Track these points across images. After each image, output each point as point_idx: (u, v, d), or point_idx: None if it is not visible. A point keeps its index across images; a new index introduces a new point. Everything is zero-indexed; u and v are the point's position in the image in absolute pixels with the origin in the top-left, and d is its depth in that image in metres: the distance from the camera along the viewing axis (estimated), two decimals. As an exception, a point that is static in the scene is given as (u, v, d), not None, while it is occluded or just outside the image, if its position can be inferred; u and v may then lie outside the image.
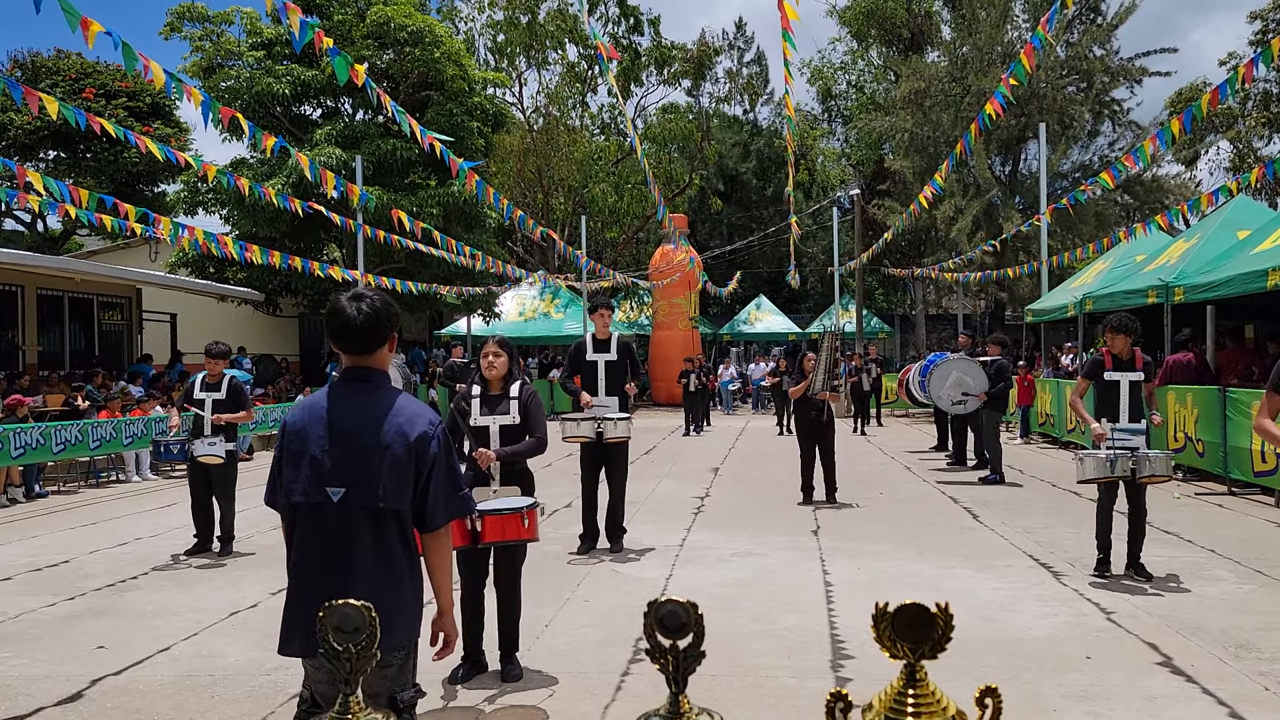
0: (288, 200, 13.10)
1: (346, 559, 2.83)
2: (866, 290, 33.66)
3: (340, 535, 2.84)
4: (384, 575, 2.85)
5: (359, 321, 2.91)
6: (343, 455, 2.85)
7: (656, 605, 1.48)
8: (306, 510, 2.87)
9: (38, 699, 4.81)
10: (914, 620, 1.36)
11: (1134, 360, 7.01)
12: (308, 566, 2.88)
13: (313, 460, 2.86)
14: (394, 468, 2.84)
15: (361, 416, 2.88)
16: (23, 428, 12.07)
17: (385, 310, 2.97)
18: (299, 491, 2.87)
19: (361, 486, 2.83)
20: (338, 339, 2.97)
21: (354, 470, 2.84)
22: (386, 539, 2.86)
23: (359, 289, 3.04)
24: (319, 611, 2.45)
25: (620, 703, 4.61)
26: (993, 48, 27.47)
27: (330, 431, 2.87)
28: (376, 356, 2.99)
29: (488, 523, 4.70)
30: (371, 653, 1.63)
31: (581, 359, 8.24)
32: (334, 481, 2.84)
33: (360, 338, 2.94)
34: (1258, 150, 31.59)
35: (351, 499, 2.83)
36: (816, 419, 10.50)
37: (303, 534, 2.89)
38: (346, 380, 2.98)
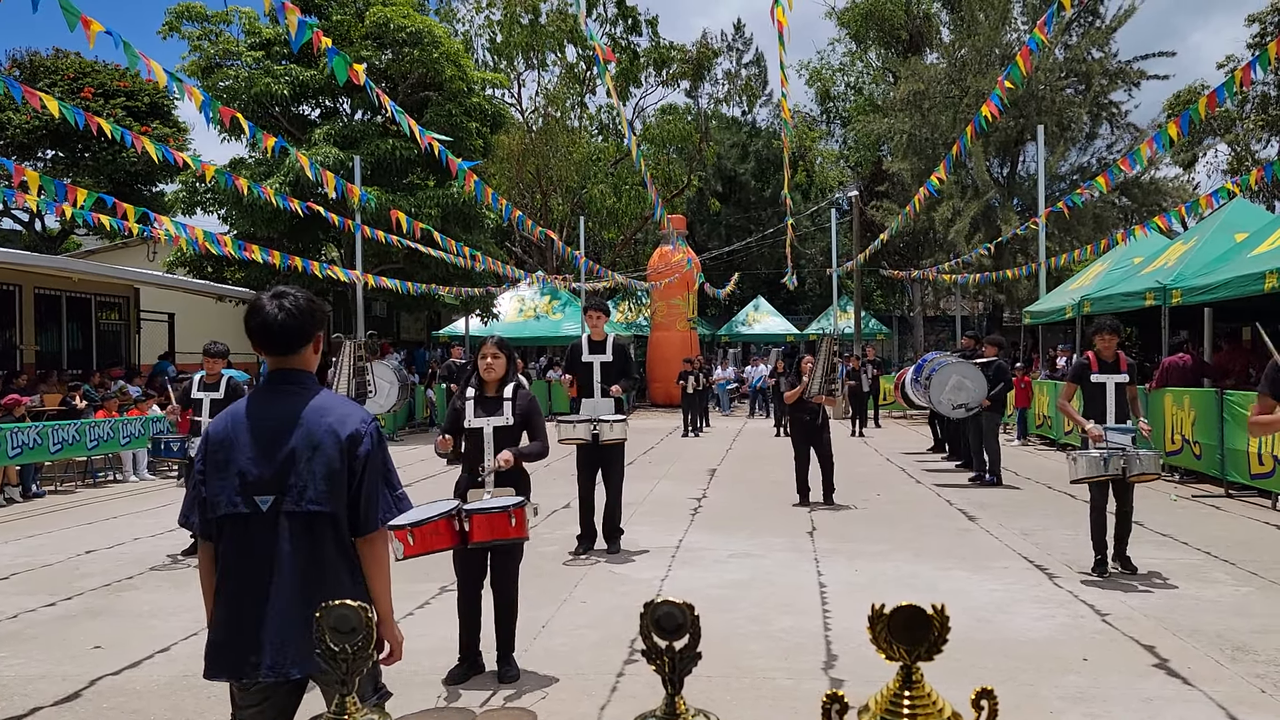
0: (286, 200, 13.10)
1: (278, 572, 2.66)
2: (865, 292, 33.67)
3: (270, 546, 2.67)
4: (319, 586, 2.66)
5: (279, 320, 2.77)
6: (270, 461, 2.70)
7: (653, 606, 1.48)
8: (234, 522, 2.69)
9: (34, 699, 4.81)
10: (910, 622, 1.37)
11: (1118, 362, 7.20)
12: (237, 582, 2.69)
13: (239, 470, 2.70)
14: (326, 469, 2.69)
15: (287, 419, 2.73)
16: (20, 427, 12.06)
17: (309, 309, 2.83)
18: (225, 503, 2.70)
19: (292, 493, 2.68)
20: (257, 339, 2.82)
21: (283, 476, 2.69)
22: (320, 546, 2.71)
23: (282, 287, 2.90)
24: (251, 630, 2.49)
25: (616, 704, 4.61)
26: (991, 50, 27.49)
27: (256, 438, 2.72)
28: (301, 357, 2.85)
29: (475, 522, 4.69)
30: (368, 653, 1.63)
31: (577, 360, 8.25)
32: (262, 490, 2.68)
33: (281, 338, 2.79)
34: (1256, 153, 31.63)
35: (281, 506, 2.68)
36: (811, 422, 10.51)
37: (230, 549, 2.70)
38: (271, 384, 2.84)
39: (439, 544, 4.62)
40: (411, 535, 4.51)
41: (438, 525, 4.59)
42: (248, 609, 2.65)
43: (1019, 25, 28.67)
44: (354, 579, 2.77)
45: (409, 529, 4.50)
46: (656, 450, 17.21)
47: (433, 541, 4.58)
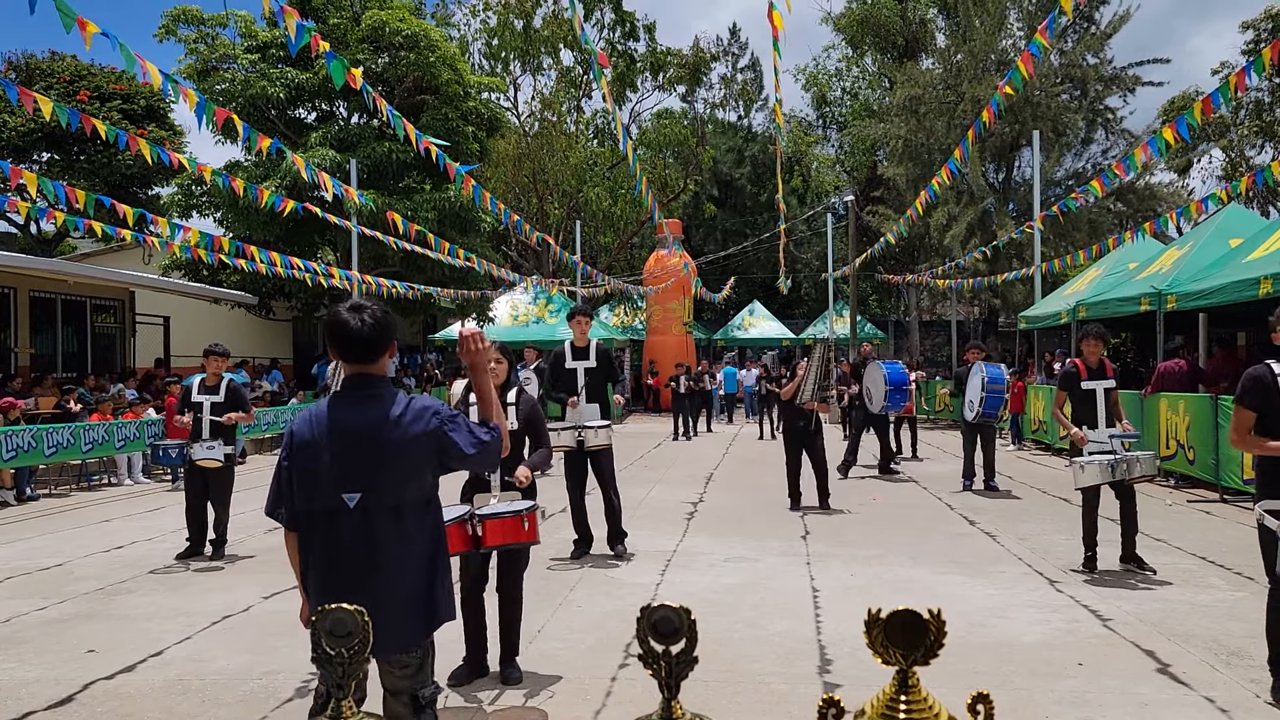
0: (281, 201, 13.07)
1: (368, 561, 2.93)
2: (860, 296, 33.71)
3: (360, 539, 2.93)
4: (405, 574, 2.97)
5: (363, 333, 3.00)
6: (357, 461, 2.94)
7: (649, 610, 1.48)
8: (323, 518, 2.95)
9: (27, 703, 4.79)
10: (907, 626, 1.37)
11: (1104, 368, 7.46)
12: (330, 571, 2.95)
13: (327, 469, 2.94)
14: (410, 464, 2.98)
15: (370, 422, 2.97)
16: (15, 430, 12.03)
17: (386, 320, 3.08)
18: (316, 500, 2.95)
19: (379, 489, 2.94)
20: (341, 350, 3.05)
21: (370, 474, 2.94)
22: (408, 535, 2.98)
23: (357, 300, 3.12)
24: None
25: (613, 708, 4.61)
26: (987, 55, 27.55)
27: (342, 440, 2.96)
28: (379, 364, 3.09)
29: (488, 526, 4.72)
30: (365, 657, 1.63)
31: (561, 367, 8.25)
32: (350, 487, 2.93)
33: (364, 348, 3.03)
34: (1250, 159, 31.74)
35: (369, 502, 2.93)
36: (804, 428, 10.50)
37: (321, 541, 2.97)
38: (350, 389, 3.07)
39: (452, 549, 4.59)
40: None
41: (450, 530, 4.58)
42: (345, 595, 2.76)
43: (1015, 31, 28.74)
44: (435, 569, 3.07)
45: None
46: (652, 454, 17.21)
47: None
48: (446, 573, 3.13)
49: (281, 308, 25.13)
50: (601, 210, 34.15)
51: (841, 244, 31.49)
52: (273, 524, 10.12)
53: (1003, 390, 11.89)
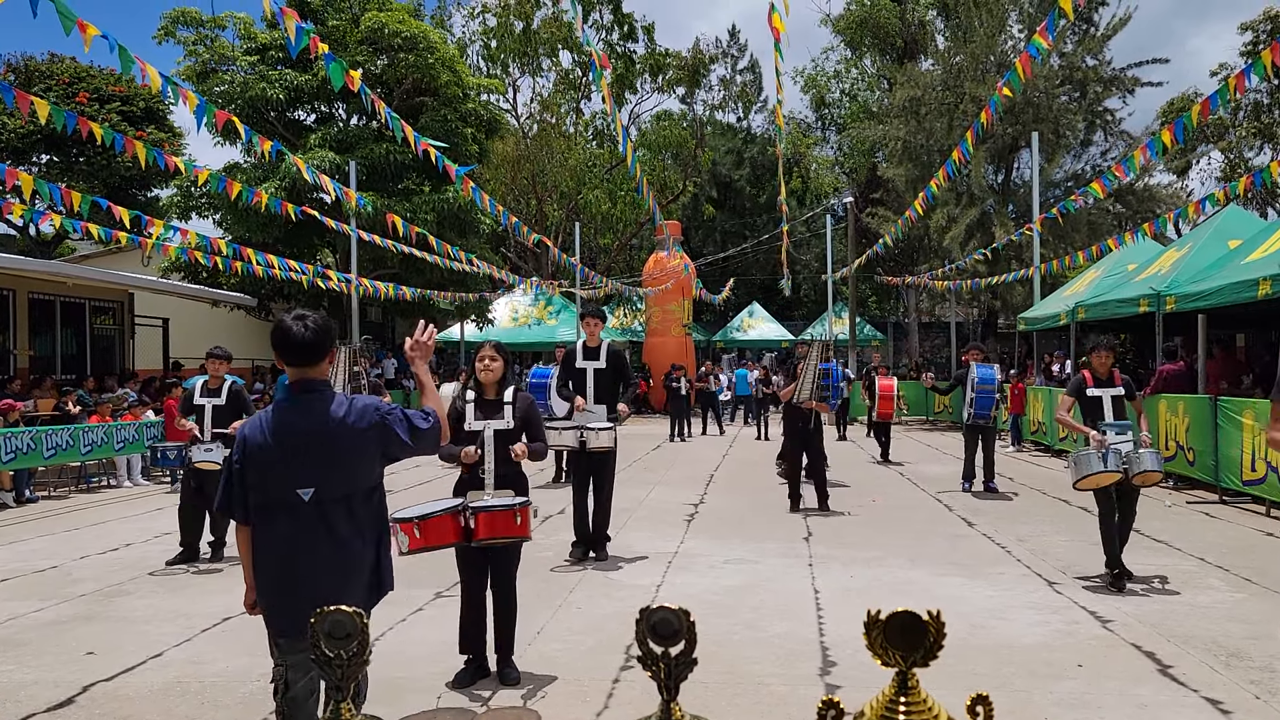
0: (280, 204, 13.08)
1: (321, 546, 3.25)
2: (860, 298, 33.71)
3: (314, 527, 3.24)
4: (357, 556, 3.34)
5: (306, 339, 3.30)
6: (308, 459, 3.24)
7: (648, 612, 1.48)
8: (279, 511, 3.25)
9: (27, 705, 4.79)
10: (906, 628, 1.37)
11: (1113, 378, 7.42)
12: (284, 558, 3.25)
13: (281, 466, 3.24)
14: (357, 459, 3.30)
15: (319, 423, 3.27)
16: (14, 432, 12.02)
17: (326, 327, 3.39)
18: (272, 495, 3.25)
19: (331, 482, 3.26)
20: (285, 354, 3.34)
21: (321, 470, 3.25)
22: (359, 520, 3.33)
23: (300, 310, 3.43)
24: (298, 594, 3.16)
25: (613, 710, 4.60)
26: (987, 56, 27.56)
27: (291, 440, 3.26)
28: (320, 368, 3.39)
29: (481, 519, 4.74)
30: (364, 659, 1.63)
31: (572, 366, 8.27)
32: (304, 483, 3.23)
33: (306, 352, 3.32)
34: (1249, 160, 31.75)
35: (322, 495, 3.24)
36: (804, 427, 10.50)
37: (275, 531, 3.26)
38: (296, 392, 3.36)
39: (444, 539, 4.69)
40: (418, 529, 4.59)
41: (443, 520, 4.67)
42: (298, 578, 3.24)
43: (1015, 33, 28.75)
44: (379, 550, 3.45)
45: (415, 523, 4.59)
46: (652, 456, 17.20)
47: (437, 536, 4.65)
48: (388, 548, 3.51)
49: (281, 309, 25.10)
50: (600, 212, 34.16)
51: (841, 245, 31.51)
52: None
53: (993, 391, 11.81)
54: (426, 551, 4.73)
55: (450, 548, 4.82)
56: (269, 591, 3.32)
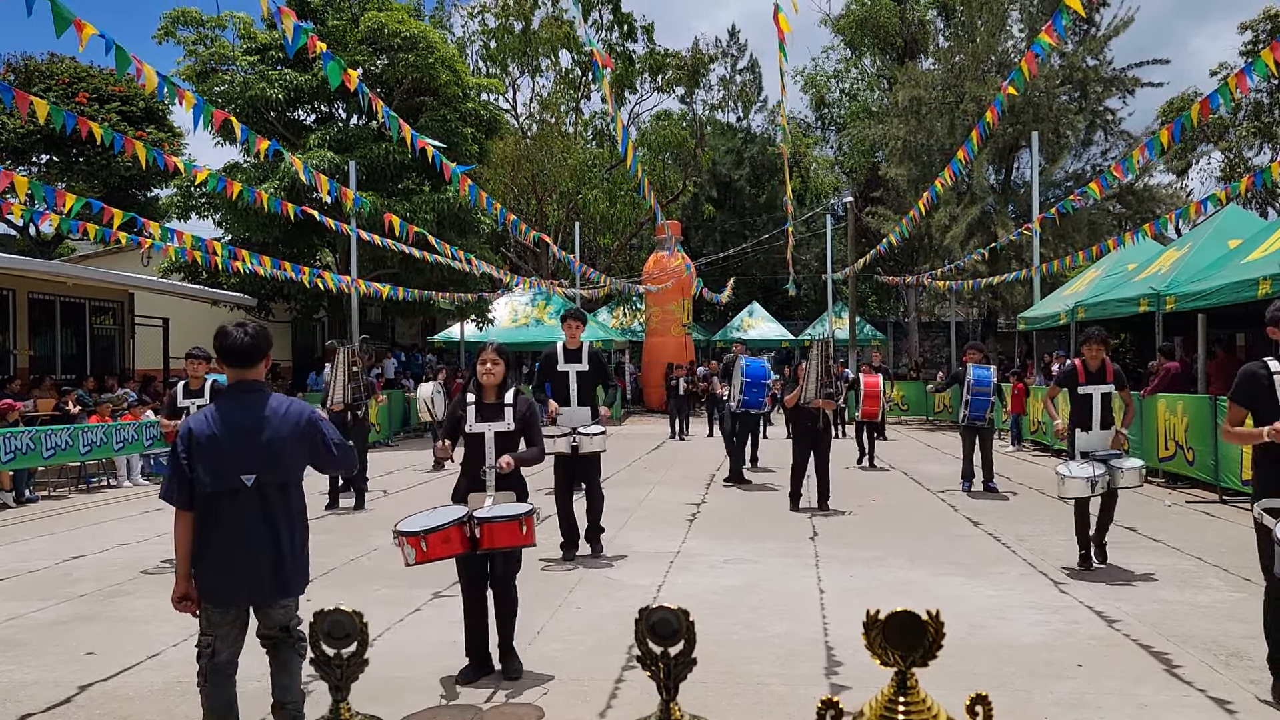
0: (280, 204, 13.06)
1: (263, 528, 3.69)
2: (860, 297, 33.71)
3: (256, 510, 3.69)
4: (300, 537, 3.82)
5: (244, 344, 3.78)
6: (250, 449, 3.68)
7: (648, 612, 1.48)
8: (225, 496, 3.66)
9: (26, 705, 4.79)
10: (905, 628, 1.37)
11: (1104, 372, 7.50)
12: (227, 537, 3.67)
13: (225, 456, 3.66)
14: (292, 450, 3.75)
15: (257, 417, 3.72)
16: (13, 432, 12.02)
17: (263, 334, 3.86)
18: (219, 482, 3.66)
19: (271, 469, 3.70)
20: (225, 358, 3.81)
21: (262, 459, 3.68)
22: (292, 505, 3.79)
23: (242, 319, 3.88)
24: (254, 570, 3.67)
25: (613, 709, 4.60)
26: (988, 56, 27.56)
27: (234, 433, 3.69)
28: (257, 370, 3.86)
29: (486, 530, 4.78)
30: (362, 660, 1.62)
31: (553, 369, 8.25)
32: (246, 470, 3.66)
33: (244, 357, 3.79)
34: (1248, 160, 31.75)
35: (264, 480, 3.69)
36: (813, 427, 10.49)
37: (220, 514, 3.67)
38: (236, 391, 3.81)
39: (450, 550, 4.76)
40: (425, 542, 4.64)
41: (449, 532, 4.73)
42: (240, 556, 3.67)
43: (1015, 32, 28.76)
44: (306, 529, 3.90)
45: (422, 535, 4.64)
46: (652, 456, 17.19)
47: (443, 548, 4.72)
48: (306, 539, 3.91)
49: (280, 309, 25.11)
50: (600, 212, 34.15)
51: (841, 245, 31.50)
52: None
53: (988, 393, 11.78)
54: (432, 563, 4.76)
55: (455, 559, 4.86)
56: (211, 569, 3.70)
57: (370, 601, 6.56)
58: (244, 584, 3.69)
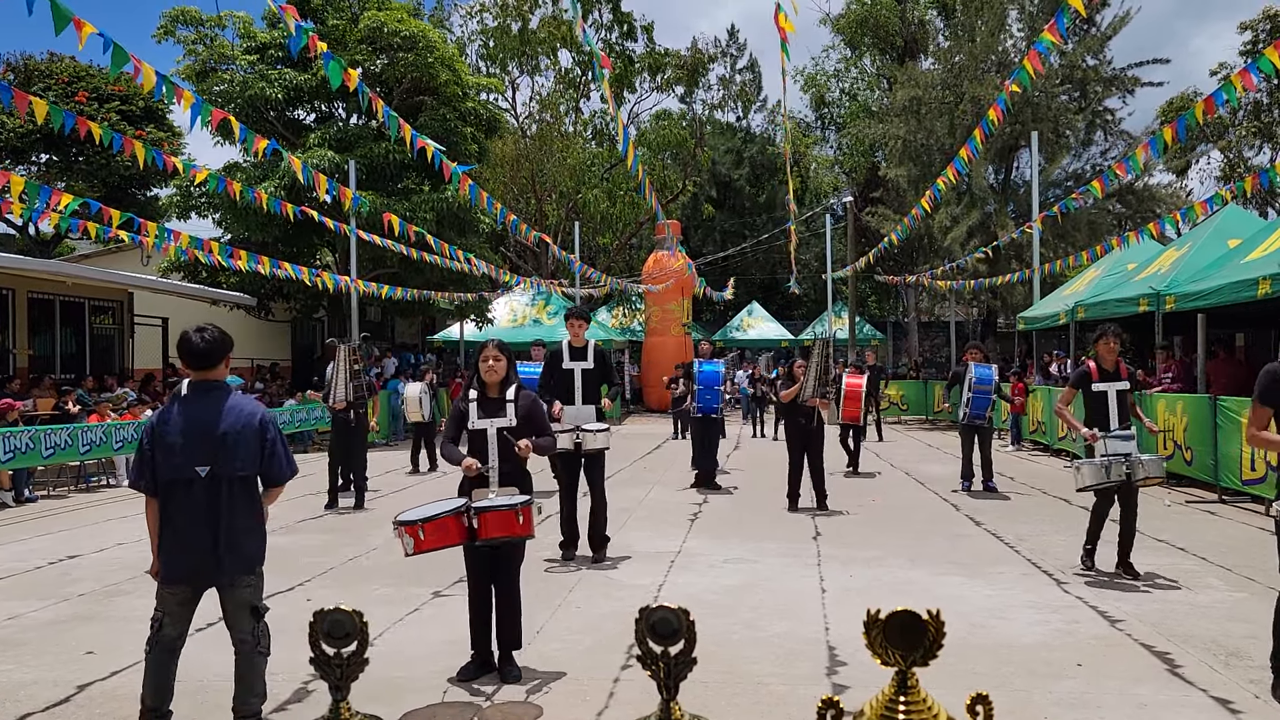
0: (280, 204, 13.05)
1: (216, 514, 4.03)
2: (859, 297, 33.71)
3: (210, 498, 4.02)
4: (244, 522, 4.12)
5: (201, 347, 4.10)
6: (206, 442, 4.01)
7: (648, 611, 1.48)
8: (181, 484, 4.01)
9: (25, 704, 4.79)
10: (906, 627, 1.37)
11: (1119, 370, 7.38)
12: (184, 523, 4.03)
13: (183, 448, 3.99)
14: (245, 446, 4.06)
15: (215, 414, 4.05)
16: (13, 431, 12.01)
17: (221, 338, 4.17)
18: (177, 471, 4.00)
19: (223, 462, 4.02)
20: (185, 359, 4.14)
21: (216, 452, 4.01)
22: (244, 496, 4.11)
23: (201, 324, 4.22)
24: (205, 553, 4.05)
25: (613, 709, 4.60)
26: (988, 56, 27.56)
27: (193, 427, 4.02)
28: (217, 371, 4.17)
29: (484, 519, 4.82)
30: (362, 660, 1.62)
31: (558, 367, 8.24)
32: (201, 462, 4.00)
33: (203, 358, 4.11)
34: (1248, 160, 31.75)
35: (217, 472, 4.01)
36: (806, 426, 10.49)
37: (178, 501, 4.03)
38: (197, 389, 4.14)
39: (448, 540, 4.80)
40: (422, 530, 4.68)
41: (446, 522, 4.78)
42: (196, 540, 4.04)
43: (1015, 32, 28.76)
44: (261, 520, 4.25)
45: (420, 525, 4.69)
46: (653, 455, 17.19)
47: (441, 538, 4.77)
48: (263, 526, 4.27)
49: (280, 309, 25.11)
50: (599, 212, 34.13)
51: (840, 245, 31.51)
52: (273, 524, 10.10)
53: (989, 391, 11.73)
54: (431, 552, 4.78)
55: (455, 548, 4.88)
56: (168, 550, 4.08)
57: (370, 601, 6.56)
58: (187, 565, 4.07)
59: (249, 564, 4.16)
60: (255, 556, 4.19)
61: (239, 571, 4.11)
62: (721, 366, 12.75)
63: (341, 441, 11.56)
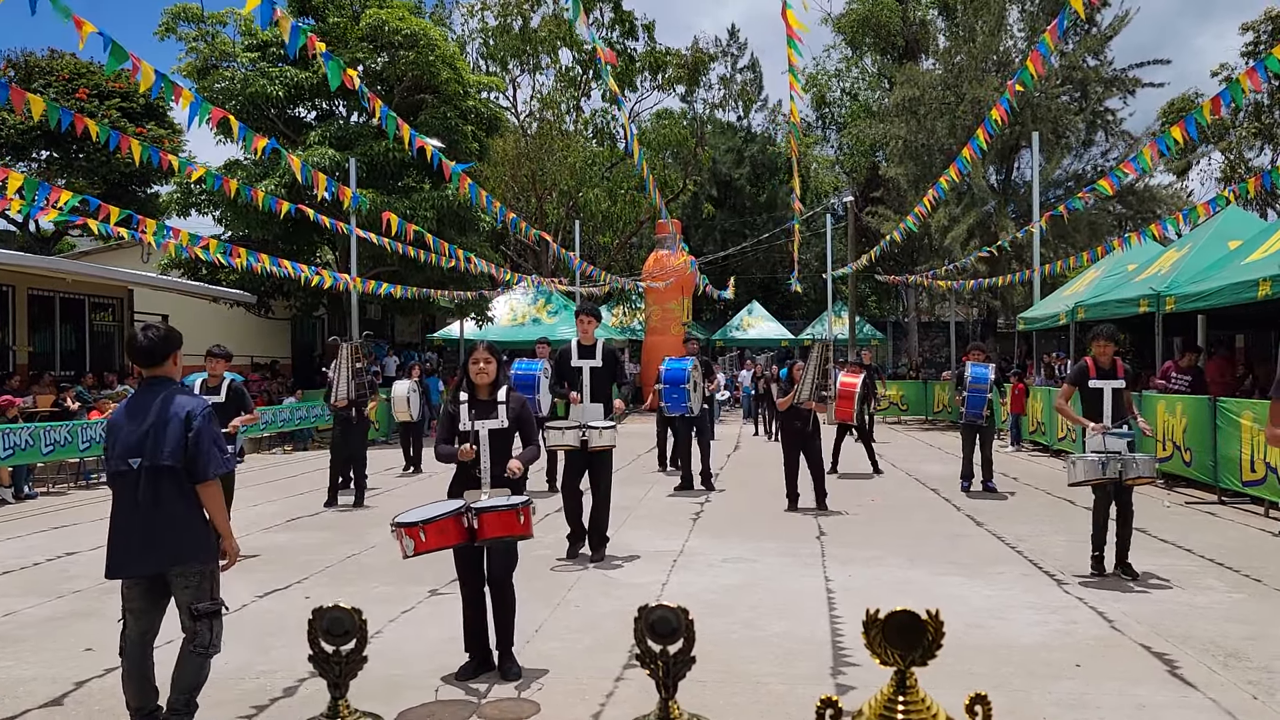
0: (276, 203, 13.03)
1: (150, 505, 4.05)
2: (859, 297, 33.71)
3: (144, 489, 4.06)
4: (178, 515, 4.08)
5: (145, 345, 4.24)
6: (139, 435, 4.09)
7: (647, 610, 1.48)
8: (118, 475, 4.11)
9: (24, 700, 4.79)
10: (905, 627, 1.36)
11: (1115, 369, 7.44)
12: (123, 513, 4.09)
13: (121, 441, 4.12)
14: (173, 438, 4.07)
15: (151, 408, 4.13)
16: (12, 428, 12.01)
17: (167, 335, 4.30)
18: (117, 462, 4.10)
19: (151, 454, 4.06)
20: (133, 358, 4.31)
21: (146, 444, 4.07)
22: (175, 489, 4.09)
23: (147, 322, 4.46)
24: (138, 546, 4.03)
25: (612, 707, 4.60)
26: (988, 56, 27.55)
27: (131, 420, 4.14)
28: (164, 368, 4.29)
29: (484, 520, 4.82)
30: (361, 658, 1.62)
31: (567, 365, 8.23)
32: (134, 454, 4.07)
33: (147, 356, 4.26)
34: (1249, 161, 31.74)
35: (146, 463, 4.06)
36: (802, 428, 10.49)
37: (117, 492, 4.13)
38: (144, 385, 4.25)
39: (448, 541, 4.81)
40: (423, 532, 4.68)
41: (446, 523, 4.78)
42: (132, 530, 4.05)
43: (1015, 32, 28.74)
44: (199, 515, 4.17)
45: (420, 526, 4.68)
46: (653, 455, 17.17)
47: (442, 539, 4.77)
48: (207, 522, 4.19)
49: (281, 306, 25.11)
50: (600, 211, 34.13)
51: (841, 245, 31.49)
52: (272, 522, 10.13)
53: (985, 390, 11.73)
54: (431, 553, 4.78)
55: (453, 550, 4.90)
56: (110, 541, 4.11)
57: (368, 599, 6.56)
58: (117, 556, 4.09)
59: (175, 558, 4.08)
60: (183, 552, 4.09)
61: (164, 565, 4.08)
62: (688, 364, 11.86)
63: (344, 439, 11.57)
